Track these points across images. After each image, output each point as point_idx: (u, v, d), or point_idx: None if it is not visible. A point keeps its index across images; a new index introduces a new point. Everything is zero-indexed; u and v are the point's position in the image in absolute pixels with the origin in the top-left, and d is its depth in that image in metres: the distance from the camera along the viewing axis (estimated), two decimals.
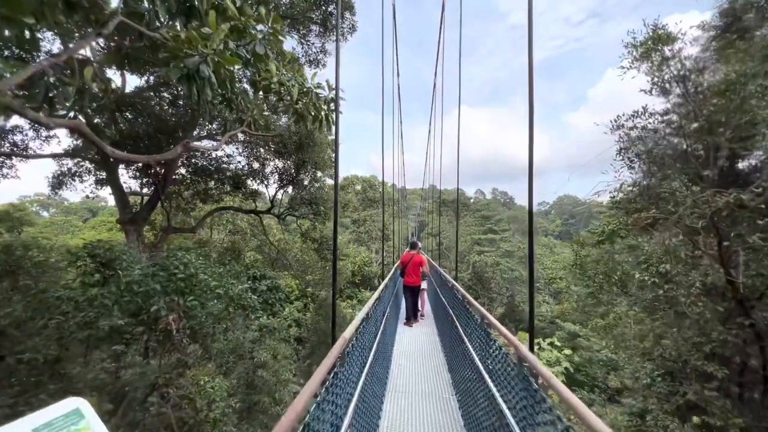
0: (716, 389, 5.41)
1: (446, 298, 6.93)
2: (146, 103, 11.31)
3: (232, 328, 5.74)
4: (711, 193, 5.21)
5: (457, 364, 4.75)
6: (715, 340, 5.25)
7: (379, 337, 4.37)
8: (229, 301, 5.17)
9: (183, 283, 4.74)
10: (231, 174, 14.37)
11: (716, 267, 5.30)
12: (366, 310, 3.54)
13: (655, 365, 5.93)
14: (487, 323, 3.32)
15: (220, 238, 24.64)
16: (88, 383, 4.34)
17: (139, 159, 8.37)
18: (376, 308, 4.58)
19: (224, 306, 5.09)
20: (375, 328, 4.32)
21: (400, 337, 7.57)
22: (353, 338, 2.69)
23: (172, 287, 4.65)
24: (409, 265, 8.43)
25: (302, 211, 13.61)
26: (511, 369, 2.39)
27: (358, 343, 2.92)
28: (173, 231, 14.14)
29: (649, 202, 6.32)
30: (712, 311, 5.24)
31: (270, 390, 11.33)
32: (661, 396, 5.59)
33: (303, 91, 6.90)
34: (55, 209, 60.80)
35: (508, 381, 2.47)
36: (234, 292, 5.28)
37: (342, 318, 17.83)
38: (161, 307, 4.36)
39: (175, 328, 4.38)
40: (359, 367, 2.93)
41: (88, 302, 4.29)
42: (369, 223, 33.14)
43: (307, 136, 11.92)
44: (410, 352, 6.53)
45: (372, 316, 4.04)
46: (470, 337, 4.06)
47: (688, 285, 5.41)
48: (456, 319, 5.27)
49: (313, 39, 13.04)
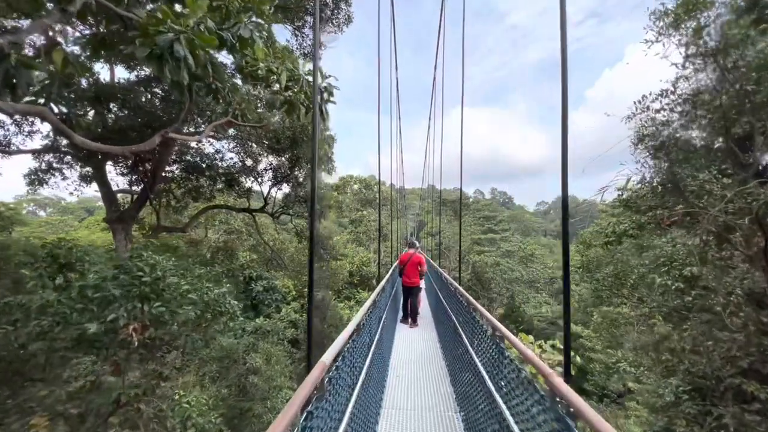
0: (758, 412, 4.79)
1: (448, 303, 6.48)
2: (135, 96, 10.81)
3: (214, 335, 5.21)
4: (756, 185, 4.65)
5: (462, 377, 4.26)
6: (753, 354, 4.63)
7: (373, 348, 3.89)
8: (204, 307, 4.65)
9: (148, 288, 4.22)
10: (223, 171, 13.88)
11: (756, 270, 4.72)
12: (356, 321, 3.02)
13: (681, 381, 5.30)
14: (500, 336, 2.80)
15: (215, 237, 24.17)
16: (41, 401, 3.84)
17: (112, 150, 7.86)
18: (370, 315, 4.12)
19: (200, 312, 4.58)
20: (369, 339, 3.86)
21: (398, 342, 7.16)
22: (336, 362, 2.18)
23: (135, 292, 4.14)
24: (408, 265, 8.30)
25: (297, 210, 13.10)
26: (534, 399, 1.90)
27: (345, 364, 2.45)
28: (163, 230, 13.64)
29: (672, 196, 5.77)
30: (756, 322, 4.63)
31: (263, 396, 10.87)
32: (689, 417, 4.95)
33: (293, 78, 6.40)
34: (52, 209, 60.03)
35: (529, 412, 1.98)
36: (210, 297, 4.76)
37: (339, 319, 17.35)
38: (120, 315, 3.85)
39: (137, 339, 3.88)
40: (345, 395, 2.46)
41: (42, 309, 3.79)
42: (366, 222, 32.65)
43: (301, 131, 11.43)
44: (409, 360, 6.10)
45: (365, 325, 3.54)
46: (477, 350, 3.57)
47: (726, 292, 4.82)
48: (459, 327, 4.82)
49: (307, 31, 12.55)
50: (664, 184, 6.03)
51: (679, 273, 5.08)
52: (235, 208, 15.22)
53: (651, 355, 5.70)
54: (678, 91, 6.10)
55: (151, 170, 12.88)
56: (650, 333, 5.99)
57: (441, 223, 29.43)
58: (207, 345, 4.80)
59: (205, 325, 4.72)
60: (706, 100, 5.46)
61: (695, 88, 5.85)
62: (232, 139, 12.94)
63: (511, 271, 30.89)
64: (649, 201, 6.18)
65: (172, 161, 14.05)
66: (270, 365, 10.10)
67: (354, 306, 24.58)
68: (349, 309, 23.97)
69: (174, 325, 4.20)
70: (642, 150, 6.84)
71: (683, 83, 6.13)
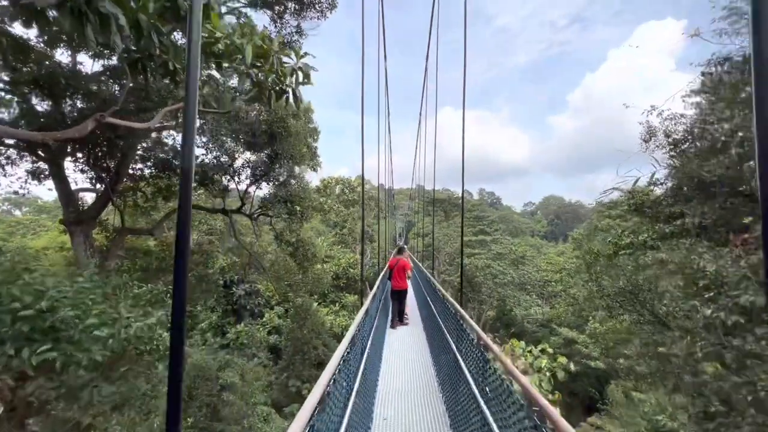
0: None
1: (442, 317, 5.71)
2: (99, 87, 9.69)
3: (139, 376, 4.13)
4: None
5: (454, 390, 3.99)
6: None
7: (363, 365, 3.58)
8: (121, 345, 3.56)
9: (28, 326, 3.17)
10: (197, 169, 12.76)
11: None
12: (344, 346, 2.69)
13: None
14: (484, 345, 2.90)
15: (194, 239, 22.88)
16: None
17: (31, 137, 6.73)
18: (361, 328, 3.91)
19: (119, 350, 3.49)
20: (360, 352, 3.61)
21: (388, 354, 6.44)
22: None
23: (7, 333, 3.14)
24: (396, 270, 8.71)
25: (278, 210, 12.07)
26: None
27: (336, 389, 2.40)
28: (128, 233, 12.46)
29: (700, 201, 4.91)
30: None
31: (237, 417, 9.85)
32: None
33: (262, 55, 5.45)
34: (28, 208, 57.54)
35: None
36: (131, 333, 3.67)
37: (321, 325, 16.34)
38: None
39: (7, 401, 2.86)
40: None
41: None
42: (351, 222, 31.60)
43: (279, 123, 10.43)
44: (399, 371, 5.43)
45: (356, 343, 3.33)
46: (466, 359, 3.44)
47: None
48: (449, 337, 4.58)
49: (288, 17, 11.55)
50: (682, 186, 5.22)
51: (734, 302, 4.01)
52: (208, 208, 14.10)
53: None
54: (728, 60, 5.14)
55: (114, 167, 11.75)
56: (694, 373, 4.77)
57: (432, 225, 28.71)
58: (125, 398, 3.65)
59: (123, 369, 3.67)
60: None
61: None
62: (201, 133, 11.85)
63: (502, 275, 30.25)
64: (669, 206, 5.37)
65: (140, 158, 12.92)
66: (245, 381, 9.09)
67: (339, 311, 23.57)
68: (334, 314, 22.95)
69: (75, 370, 3.11)
70: (656, 147, 6.09)
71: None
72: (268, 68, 5.64)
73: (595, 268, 8.76)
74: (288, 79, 4.90)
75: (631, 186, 7.51)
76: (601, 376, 22.45)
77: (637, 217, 6.74)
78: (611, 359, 17.95)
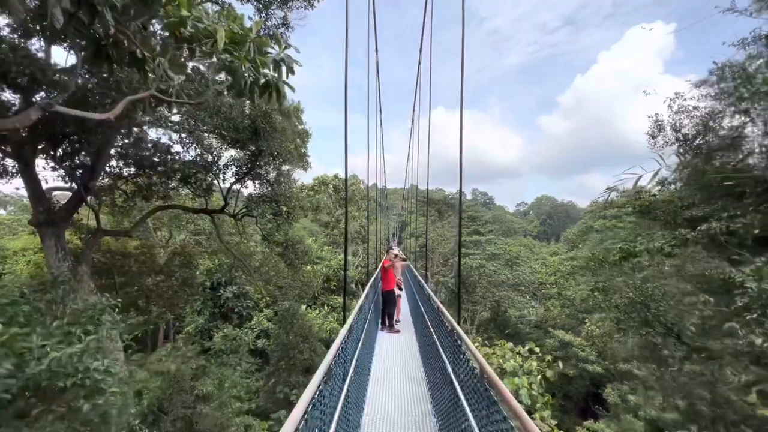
0: None
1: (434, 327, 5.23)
2: (72, 81, 9.03)
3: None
4: None
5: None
6: None
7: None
8: (32, 381, 2.86)
9: None
10: (179, 167, 12.11)
11: None
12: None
13: None
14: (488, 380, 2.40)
15: (182, 239, 22.17)
16: None
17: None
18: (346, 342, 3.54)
19: (31, 387, 2.79)
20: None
21: (376, 365, 5.91)
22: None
23: None
24: (389, 271, 8.67)
25: (263, 210, 11.47)
26: None
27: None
28: (104, 234, 11.80)
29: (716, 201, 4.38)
30: None
31: (215, 430, 9.26)
32: None
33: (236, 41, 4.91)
34: (13, 207, 56.11)
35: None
36: (41, 368, 2.81)
37: (308, 329, 15.75)
38: None
39: None
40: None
41: None
42: (342, 223, 30.97)
43: (264, 119, 9.84)
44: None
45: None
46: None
47: None
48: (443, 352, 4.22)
49: (274, 9, 10.98)
50: (698, 185, 4.69)
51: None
52: (190, 208, 13.45)
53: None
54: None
55: (89, 164, 11.09)
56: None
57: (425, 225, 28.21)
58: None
59: (37, 411, 2.99)
60: None
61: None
62: (174, 130, 11.23)
63: (496, 274, 29.85)
64: (684, 207, 4.84)
65: (119, 155, 12.26)
66: (223, 390, 8.50)
67: (329, 314, 22.97)
68: (323, 318, 22.35)
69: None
70: (665, 143, 5.61)
71: None
72: (244, 56, 5.03)
73: (599, 275, 8.19)
74: (269, 71, 4.34)
75: (632, 185, 7.06)
76: (596, 379, 22.15)
77: (646, 219, 6.23)
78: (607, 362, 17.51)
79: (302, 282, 15.11)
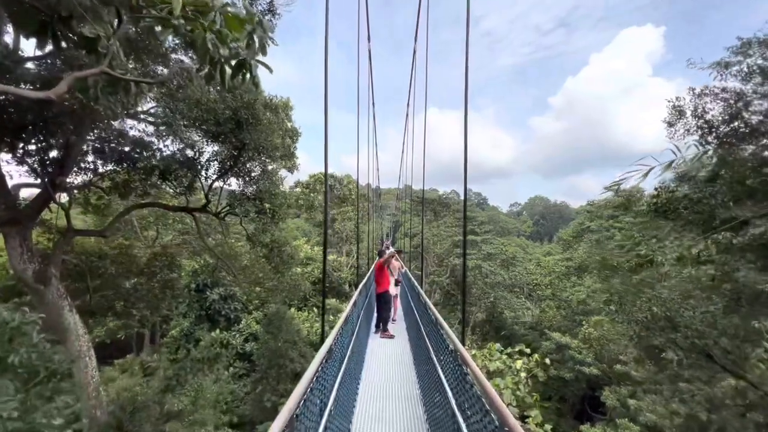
0: None
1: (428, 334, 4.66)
2: (42, 74, 8.30)
3: None
4: None
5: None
6: None
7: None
8: None
9: None
10: (157, 162, 11.34)
11: None
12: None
13: None
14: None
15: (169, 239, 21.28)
16: None
17: None
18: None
19: None
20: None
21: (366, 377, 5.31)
22: None
23: None
24: (383, 272, 8.29)
25: (246, 209, 10.77)
26: None
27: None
28: (75, 234, 11.01)
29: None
30: None
31: None
32: None
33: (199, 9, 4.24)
34: None
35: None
36: None
37: (297, 333, 15.05)
38: None
39: None
40: None
41: None
42: (339, 223, 30.35)
43: (246, 110, 9.15)
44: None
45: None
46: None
47: None
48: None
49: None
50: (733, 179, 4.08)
51: None
52: (169, 206, 12.69)
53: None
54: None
55: (59, 158, 10.31)
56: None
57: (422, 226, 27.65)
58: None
59: None
60: None
61: None
62: (148, 122, 10.50)
63: (492, 275, 29.39)
64: (717, 207, 4.18)
65: (93, 149, 11.47)
66: (197, 406, 7.79)
67: (318, 317, 22.26)
68: (313, 322, 21.63)
69: None
70: (685, 132, 5.01)
71: None
72: (209, 25, 4.32)
73: (605, 278, 7.55)
74: (241, 47, 3.66)
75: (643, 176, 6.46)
76: (592, 381, 21.74)
77: (661, 219, 5.60)
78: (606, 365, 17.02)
79: (290, 284, 14.43)
